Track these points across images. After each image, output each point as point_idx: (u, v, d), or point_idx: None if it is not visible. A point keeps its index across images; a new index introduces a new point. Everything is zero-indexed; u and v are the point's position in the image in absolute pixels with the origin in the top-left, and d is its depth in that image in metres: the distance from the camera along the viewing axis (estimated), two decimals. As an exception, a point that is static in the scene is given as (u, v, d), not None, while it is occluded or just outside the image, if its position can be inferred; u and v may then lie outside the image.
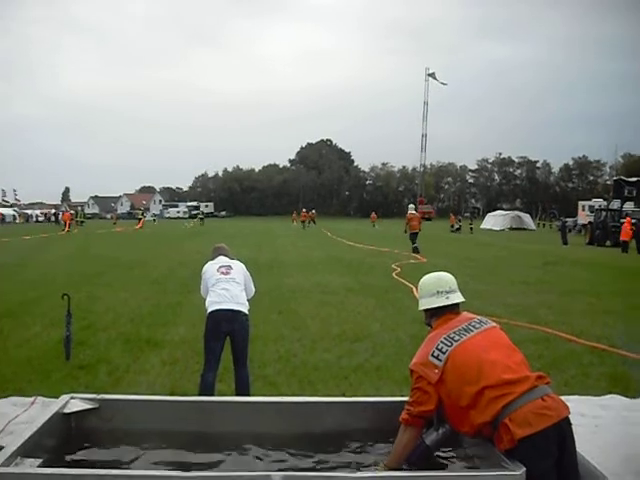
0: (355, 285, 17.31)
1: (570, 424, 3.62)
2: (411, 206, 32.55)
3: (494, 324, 4.03)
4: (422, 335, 4.14)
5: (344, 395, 6.96)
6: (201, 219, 76.47)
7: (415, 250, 28.64)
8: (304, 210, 75.96)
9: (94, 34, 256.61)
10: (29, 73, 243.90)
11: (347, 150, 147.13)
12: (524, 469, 3.30)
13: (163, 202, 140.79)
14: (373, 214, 76.02)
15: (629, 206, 43.11)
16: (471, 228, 59.71)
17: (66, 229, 54.18)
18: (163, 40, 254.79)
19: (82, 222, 66.73)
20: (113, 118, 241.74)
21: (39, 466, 3.48)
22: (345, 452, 4.32)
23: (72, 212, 66.61)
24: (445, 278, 4.20)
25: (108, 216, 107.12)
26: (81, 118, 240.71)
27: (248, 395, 6.55)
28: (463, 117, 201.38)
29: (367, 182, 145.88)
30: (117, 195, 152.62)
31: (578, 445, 3.72)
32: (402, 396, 4.40)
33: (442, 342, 3.79)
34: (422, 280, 4.27)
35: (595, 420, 6.40)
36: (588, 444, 4.39)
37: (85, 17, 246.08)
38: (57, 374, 8.07)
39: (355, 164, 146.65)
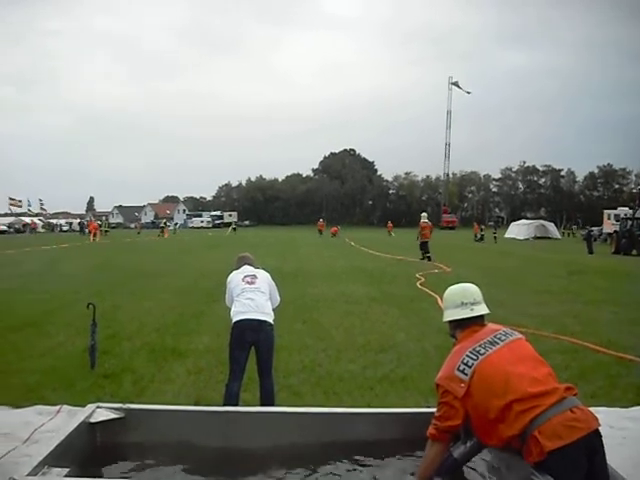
0: (379, 295, 17.26)
1: (600, 436, 3.58)
2: (424, 214, 32.84)
3: (520, 335, 3.99)
4: (447, 346, 4.11)
5: (370, 406, 6.92)
6: (234, 229, 79.68)
7: (428, 259, 29.18)
8: (321, 220, 77.46)
9: (117, 45, 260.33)
10: (55, 83, 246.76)
11: (370, 159, 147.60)
12: (554, 482, 3.27)
13: (187, 212, 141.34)
14: (390, 223, 75.61)
15: (655, 215, 42.72)
16: (495, 237, 59.36)
17: (91, 238, 54.70)
18: (186, 51, 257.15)
19: (107, 232, 67.78)
20: (137, 128, 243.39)
21: (66, 476, 3.49)
22: (372, 464, 4.30)
23: (99, 222, 67.21)
24: (470, 289, 4.17)
25: (132, 225, 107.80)
26: (106, 128, 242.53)
27: (273, 405, 6.54)
28: (486, 125, 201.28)
29: (390, 191, 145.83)
30: (141, 205, 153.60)
31: (607, 457, 3.67)
32: (428, 407, 4.37)
33: (468, 356, 3.76)
34: (447, 291, 4.24)
35: (622, 432, 6.32)
36: (616, 456, 4.34)
37: (108, 28, 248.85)
38: (82, 383, 8.10)
39: (378, 173, 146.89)
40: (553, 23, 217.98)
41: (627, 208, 55.93)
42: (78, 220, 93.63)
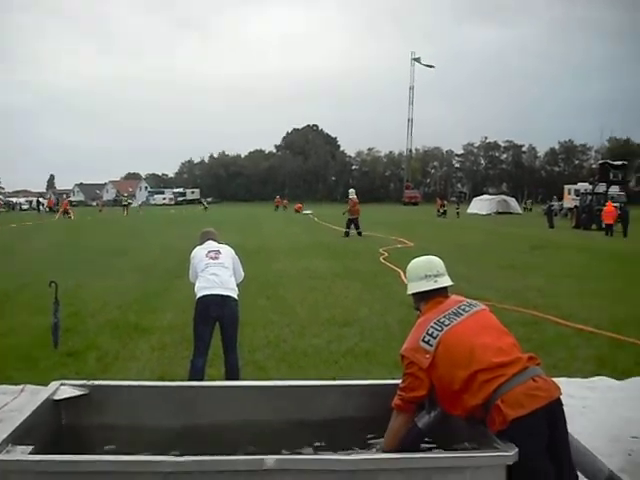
0: (342, 270, 17.33)
1: (561, 405, 3.62)
2: (352, 190, 32.21)
3: (484, 306, 4.02)
4: (411, 319, 4.13)
5: (335, 379, 6.97)
6: (205, 207, 79.50)
7: (359, 234, 29.47)
8: (278, 197, 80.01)
9: (78, 20, 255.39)
10: (11, 59, 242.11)
11: (333, 135, 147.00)
12: (516, 449, 3.31)
13: (149, 189, 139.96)
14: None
15: (614, 190, 43.38)
16: (457, 212, 59.76)
17: (58, 216, 54.16)
18: (149, 25, 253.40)
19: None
20: (98, 105, 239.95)
21: (30, 453, 3.46)
22: (338, 435, 4.33)
23: (70, 200, 66.23)
24: (433, 262, 4.18)
25: (94, 203, 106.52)
26: (65, 105, 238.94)
27: (238, 380, 6.55)
28: (449, 102, 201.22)
29: (353, 167, 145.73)
30: (102, 182, 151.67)
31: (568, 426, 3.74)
32: (394, 379, 4.40)
33: (432, 327, 3.77)
34: (410, 264, 4.24)
35: (583, 401, 6.45)
36: (576, 425, 4.41)
37: (69, 3, 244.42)
38: (45, 362, 8.05)
39: (341, 149, 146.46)
40: (518, 0, 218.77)
41: (587, 183, 56.60)
42: (36, 198, 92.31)
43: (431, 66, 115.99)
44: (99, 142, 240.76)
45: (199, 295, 6.71)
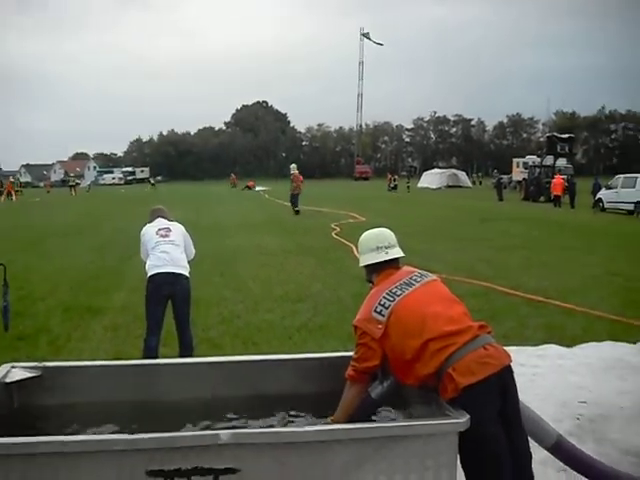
0: (295, 246, 17.37)
1: (512, 372, 3.68)
2: (293, 165, 30.92)
3: (434, 277, 4.06)
4: (363, 293, 4.16)
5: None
6: (152, 184, 79.69)
7: (296, 212, 28.60)
8: (233, 175, 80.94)
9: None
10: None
11: (283, 112, 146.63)
12: (468, 417, 3.36)
13: (98, 168, 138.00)
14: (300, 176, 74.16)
15: (562, 162, 44.06)
16: (408, 187, 60.11)
17: (3, 198, 53.14)
18: (92, 2, 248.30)
19: (18, 191, 65.88)
20: (42, 83, 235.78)
21: (-19, 436, 3.41)
22: (293, 409, 4.35)
23: (11, 180, 65.08)
24: (384, 234, 4.20)
25: (41, 184, 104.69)
26: (8, 84, 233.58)
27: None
28: (399, 76, 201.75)
29: (304, 143, 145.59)
30: (50, 163, 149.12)
31: (518, 393, 3.81)
32: (347, 351, 4.43)
33: (384, 297, 3.80)
34: (361, 237, 4.26)
35: (533, 369, 6.59)
36: (527, 392, 4.51)
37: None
38: (-5, 346, 7.93)
39: (291, 125, 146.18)
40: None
41: (535, 156, 57.40)
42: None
43: (380, 44, 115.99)
44: (45, 122, 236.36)
45: (150, 273, 6.66)
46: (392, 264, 4.06)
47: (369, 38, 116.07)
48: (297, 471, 3.34)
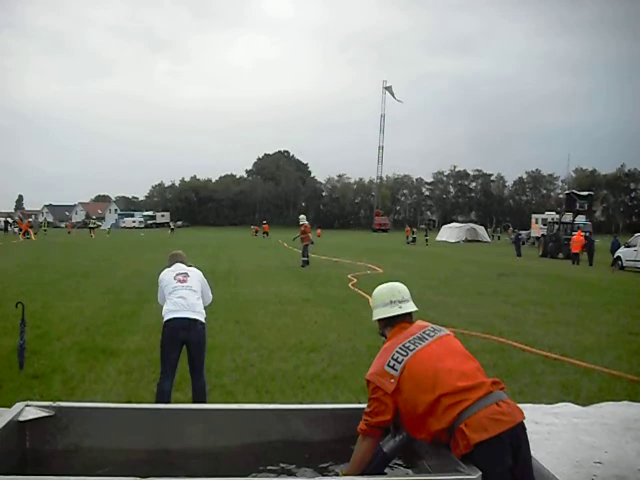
0: (312, 295, 17.34)
1: (525, 429, 3.66)
2: (302, 216, 29.37)
3: (447, 331, 4.07)
4: (378, 345, 4.17)
5: (301, 404, 6.97)
6: (172, 229, 79.06)
7: (305, 263, 27.35)
8: (254, 227, 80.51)
9: (51, 40, 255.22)
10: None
11: (304, 162, 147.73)
12: (480, 473, 3.34)
13: (119, 211, 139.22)
14: (318, 230, 75.05)
15: (581, 219, 43.99)
16: (426, 240, 60.13)
17: (22, 237, 53.85)
18: (121, 50, 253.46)
19: (45, 230, 68.74)
20: (69, 127, 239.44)
21: (-6, 474, 3.43)
22: (304, 459, 4.33)
23: (29, 220, 66.49)
24: (398, 288, 4.24)
25: (63, 225, 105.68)
26: (35, 126, 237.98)
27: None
28: (419, 130, 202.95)
29: (323, 193, 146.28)
30: (72, 204, 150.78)
31: (532, 451, 3.78)
32: (360, 403, 4.43)
33: (397, 352, 3.81)
34: (375, 290, 4.30)
35: (548, 427, 6.51)
36: (541, 450, 4.47)
37: (42, 23, 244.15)
38: (10, 384, 7.95)
39: (312, 175, 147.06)
40: (489, 32, 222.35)
41: (554, 213, 57.38)
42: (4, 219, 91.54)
43: (400, 101, 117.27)
44: (69, 165, 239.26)
45: (166, 318, 6.69)
46: (405, 318, 4.08)
47: (391, 92, 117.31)
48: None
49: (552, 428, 6.49)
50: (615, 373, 9.08)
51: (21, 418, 4.34)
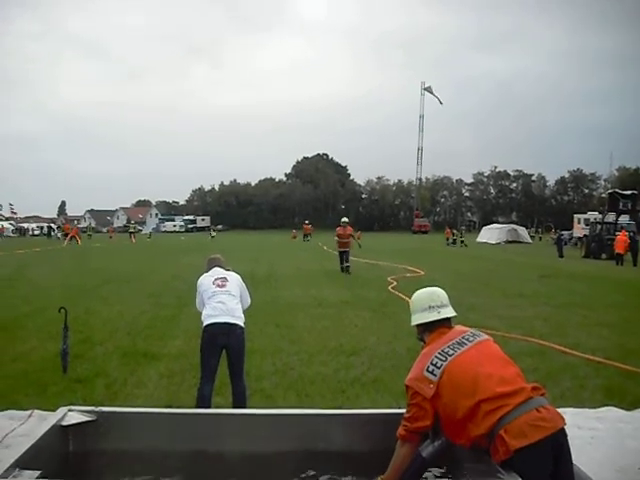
0: (351, 298, 17.31)
1: (566, 435, 3.63)
2: (344, 219, 27.22)
3: (487, 336, 4.05)
4: (418, 348, 4.16)
5: (341, 408, 6.95)
6: (212, 237, 79.13)
7: (345, 269, 25.54)
8: (306, 222, 77.87)
9: (92, 47, 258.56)
10: (27, 87, 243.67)
11: (343, 164, 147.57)
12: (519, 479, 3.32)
13: (159, 216, 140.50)
14: (359, 232, 74.23)
15: (624, 219, 43.33)
16: (462, 241, 59.70)
17: (66, 242, 54.68)
18: (161, 54, 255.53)
19: (90, 235, 70.70)
20: (111, 132, 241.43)
21: (37, 478, 3.48)
22: (343, 464, 4.33)
23: (79, 226, 67.95)
24: (437, 293, 4.23)
25: (104, 230, 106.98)
26: (77, 132, 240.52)
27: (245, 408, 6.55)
28: (459, 130, 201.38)
29: (363, 196, 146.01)
30: (113, 209, 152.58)
31: (574, 457, 3.73)
32: (399, 408, 4.41)
33: (437, 357, 3.80)
34: (414, 295, 4.30)
35: (591, 432, 6.41)
36: (584, 456, 4.40)
37: (83, 30, 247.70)
38: (54, 388, 8.06)
39: (351, 178, 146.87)
40: (527, 29, 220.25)
41: (597, 212, 56.65)
42: (47, 224, 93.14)
43: (441, 102, 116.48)
44: (111, 168, 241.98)
45: (205, 323, 6.73)
46: (444, 323, 4.07)
47: (431, 92, 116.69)
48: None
49: (595, 433, 6.39)
50: (661, 376, 8.94)
51: (64, 422, 4.40)
